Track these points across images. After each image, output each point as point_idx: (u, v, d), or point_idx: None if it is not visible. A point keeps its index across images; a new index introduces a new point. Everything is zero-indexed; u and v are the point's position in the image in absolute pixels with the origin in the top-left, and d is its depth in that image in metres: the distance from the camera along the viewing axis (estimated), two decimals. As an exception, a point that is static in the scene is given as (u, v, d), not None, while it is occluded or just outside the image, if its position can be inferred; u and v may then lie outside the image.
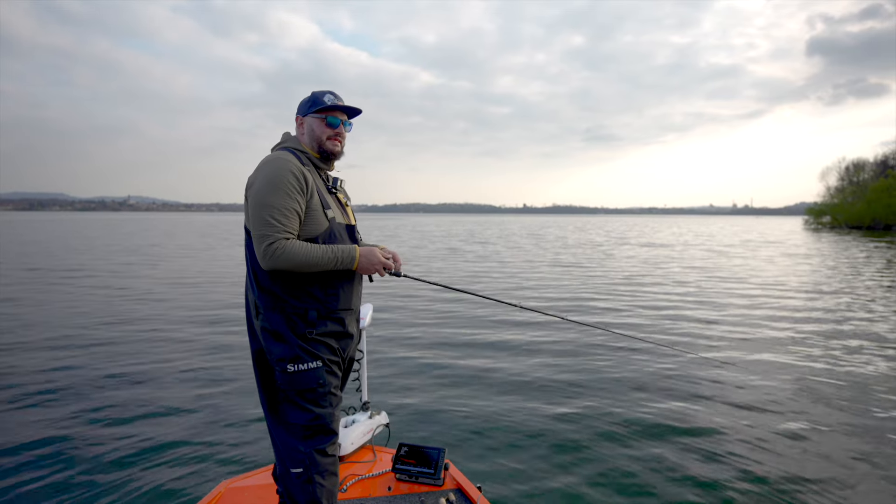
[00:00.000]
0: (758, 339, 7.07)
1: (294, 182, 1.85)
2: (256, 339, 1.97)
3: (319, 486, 1.87)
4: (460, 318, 8.48)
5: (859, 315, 8.79)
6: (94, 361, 5.82)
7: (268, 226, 1.80)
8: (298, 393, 1.87)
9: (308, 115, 2.02)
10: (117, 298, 10.16)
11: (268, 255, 1.79)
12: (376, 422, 3.02)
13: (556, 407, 4.57)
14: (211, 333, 7.26)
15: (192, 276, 14.15)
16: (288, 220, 1.83)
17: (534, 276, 14.21)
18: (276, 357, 1.88)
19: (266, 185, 1.83)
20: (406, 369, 5.69)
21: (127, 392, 4.84)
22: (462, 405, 4.61)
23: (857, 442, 3.88)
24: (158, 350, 6.36)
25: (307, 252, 1.83)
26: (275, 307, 1.88)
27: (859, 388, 5.04)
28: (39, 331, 7.31)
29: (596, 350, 6.44)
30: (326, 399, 1.91)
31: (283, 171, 1.85)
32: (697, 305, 9.74)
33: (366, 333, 3.01)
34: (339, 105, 2.02)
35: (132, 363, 5.77)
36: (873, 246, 27.53)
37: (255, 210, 1.83)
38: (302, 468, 1.85)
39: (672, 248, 25.87)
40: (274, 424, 1.95)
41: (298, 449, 1.86)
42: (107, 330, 7.42)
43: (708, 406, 4.65)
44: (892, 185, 55.30)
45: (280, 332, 1.87)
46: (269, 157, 1.94)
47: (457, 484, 2.57)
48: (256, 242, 1.82)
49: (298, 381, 1.86)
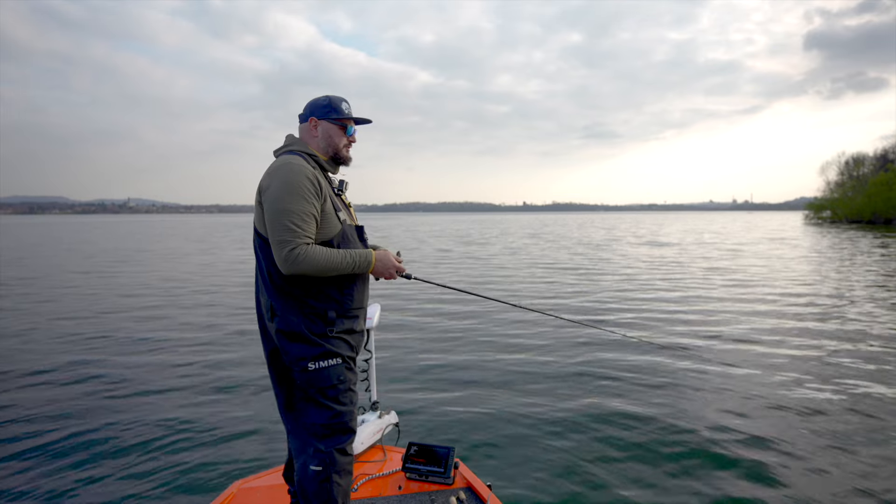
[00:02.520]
0: (822, 361, 5.92)
1: (310, 187, 1.87)
2: (270, 340, 1.98)
3: (336, 486, 1.90)
4: (469, 317, 8.48)
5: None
6: (102, 361, 5.84)
7: (288, 231, 1.81)
8: (319, 391, 1.89)
9: (325, 120, 2.04)
10: (119, 296, 10.17)
11: (290, 260, 1.80)
12: (386, 421, 3.04)
13: (566, 406, 4.58)
14: (222, 334, 7.26)
15: (197, 276, 14.16)
16: (307, 224, 1.84)
17: (568, 281, 14.02)
18: (294, 357, 1.89)
19: (284, 191, 1.84)
20: (415, 369, 5.70)
21: (138, 393, 4.85)
22: (471, 404, 4.62)
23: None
24: (168, 351, 6.37)
25: (328, 257, 1.86)
26: (293, 309, 1.89)
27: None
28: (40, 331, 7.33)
29: (607, 351, 6.41)
30: (346, 396, 1.94)
31: (299, 175, 1.86)
32: (732, 315, 8.69)
33: (374, 333, 3.03)
34: (356, 117, 2.10)
35: (142, 363, 5.79)
36: (885, 241, 26.82)
37: (274, 216, 1.83)
38: (322, 467, 1.88)
39: (681, 247, 24.84)
40: (293, 424, 1.97)
41: (319, 448, 1.89)
42: (113, 329, 7.44)
43: (719, 408, 4.65)
44: (891, 179, 55.25)
45: (299, 332, 1.88)
46: (282, 162, 1.92)
47: (467, 482, 2.59)
48: (277, 248, 1.82)
49: (319, 378, 1.88)
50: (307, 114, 2.06)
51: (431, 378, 5.39)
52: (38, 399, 4.73)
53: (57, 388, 5.04)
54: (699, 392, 4.92)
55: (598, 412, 4.41)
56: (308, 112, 2.06)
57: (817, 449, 3.73)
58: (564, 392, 4.93)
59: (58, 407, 4.53)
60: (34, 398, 4.76)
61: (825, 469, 3.44)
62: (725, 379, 5.30)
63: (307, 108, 2.07)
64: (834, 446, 3.77)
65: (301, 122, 2.09)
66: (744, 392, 4.90)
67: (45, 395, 4.83)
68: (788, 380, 5.22)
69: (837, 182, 67.53)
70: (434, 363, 5.92)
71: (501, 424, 4.18)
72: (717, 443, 3.83)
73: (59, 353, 6.30)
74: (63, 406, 4.54)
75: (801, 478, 3.33)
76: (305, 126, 2.07)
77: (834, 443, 3.82)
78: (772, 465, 3.49)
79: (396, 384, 5.16)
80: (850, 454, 3.65)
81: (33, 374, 5.49)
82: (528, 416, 4.33)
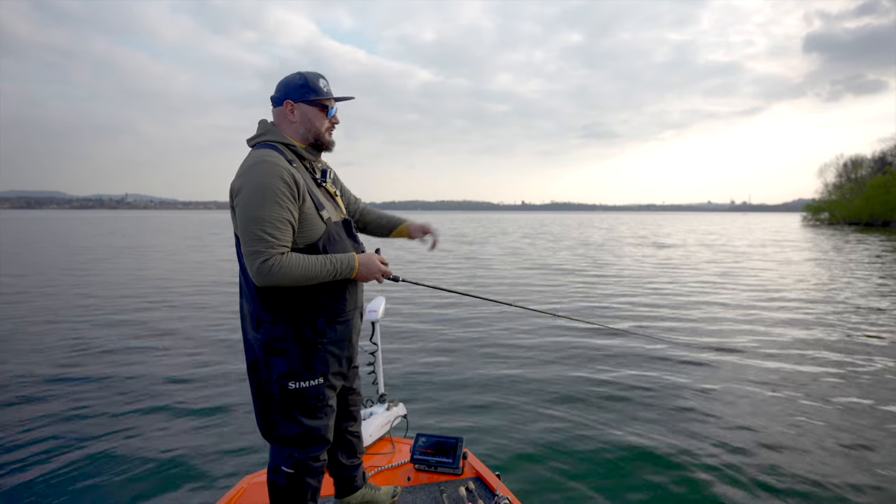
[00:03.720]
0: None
1: (285, 189, 1.67)
2: (252, 351, 1.84)
3: (308, 485, 1.88)
4: (476, 315, 8.47)
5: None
6: (115, 359, 5.84)
7: (260, 241, 1.64)
8: (297, 408, 1.81)
9: (303, 102, 1.81)
10: (130, 298, 10.16)
11: (262, 272, 1.64)
12: (394, 413, 3.04)
13: (576, 399, 4.60)
14: (228, 330, 7.25)
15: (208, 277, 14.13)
16: (281, 232, 1.67)
17: (592, 285, 13.63)
18: (277, 373, 1.78)
19: (254, 196, 1.65)
20: (422, 361, 5.71)
21: (150, 390, 4.83)
22: (478, 396, 4.64)
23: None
24: (177, 347, 6.36)
25: (304, 266, 1.69)
26: (280, 318, 1.76)
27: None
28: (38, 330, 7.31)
29: (610, 348, 6.41)
30: (323, 412, 1.87)
31: (271, 178, 1.66)
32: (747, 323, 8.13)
33: (379, 326, 3.03)
34: (337, 96, 1.89)
35: (152, 360, 5.78)
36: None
37: (246, 224, 1.66)
38: (294, 471, 1.84)
39: (686, 248, 23.98)
40: (269, 432, 1.88)
41: (293, 455, 1.84)
42: (122, 328, 7.42)
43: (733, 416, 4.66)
44: (889, 182, 55.45)
45: (284, 346, 1.77)
46: (253, 160, 1.72)
47: (476, 472, 2.59)
48: (249, 259, 1.66)
49: (298, 397, 1.80)
50: (281, 96, 1.82)
51: (439, 370, 5.39)
52: (31, 397, 4.73)
53: (62, 383, 5.04)
54: (720, 397, 4.73)
55: (610, 409, 4.39)
56: (282, 94, 1.81)
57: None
58: (575, 385, 4.94)
59: (64, 401, 4.53)
60: (34, 399, 4.76)
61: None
62: (757, 390, 4.92)
63: (280, 90, 1.82)
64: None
65: (275, 106, 1.85)
66: (775, 407, 4.48)
67: (45, 394, 4.82)
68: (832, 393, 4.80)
69: (836, 184, 67.77)
70: (441, 355, 5.92)
71: (509, 416, 4.20)
72: (740, 453, 3.63)
73: (59, 354, 6.29)
74: (67, 404, 4.53)
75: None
76: (280, 110, 1.83)
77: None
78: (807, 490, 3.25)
79: (404, 376, 5.17)
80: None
81: (29, 372, 5.48)
82: (536, 409, 4.35)
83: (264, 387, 1.82)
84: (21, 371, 5.29)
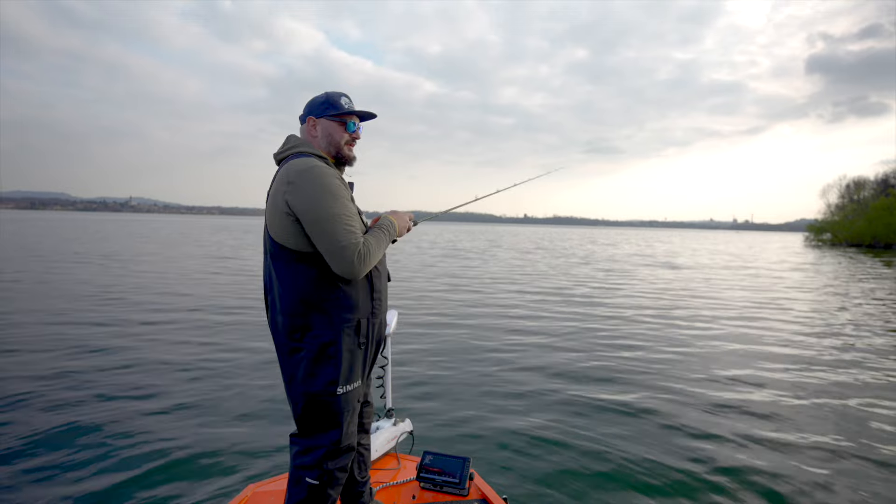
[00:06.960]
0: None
1: (343, 186, 1.81)
2: (294, 363, 1.80)
3: (329, 497, 1.86)
4: (483, 324, 8.41)
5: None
6: (115, 359, 5.81)
7: (348, 234, 1.72)
8: (341, 413, 1.82)
9: (324, 118, 1.93)
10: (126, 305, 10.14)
11: (361, 261, 1.73)
12: (400, 429, 3.01)
13: (585, 420, 4.46)
14: (234, 339, 7.20)
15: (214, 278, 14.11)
16: (358, 222, 1.79)
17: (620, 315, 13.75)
18: (324, 380, 1.77)
19: (324, 196, 1.73)
20: (430, 376, 5.63)
21: (153, 397, 4.79)
22: (487, 415, 4.53)
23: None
24: (182, 355, 6.32)
25: (377, 242, 1.82)
26: (326, 324, 1.77)
27: None
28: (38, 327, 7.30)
29: (628, 364, 6.32)
30: (353, 417, 1.90)
31: (330, 177, 1.77)
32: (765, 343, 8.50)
33: (391, 340, 3.01)
34: (356, 110, 1.97)
35: (155, 367, 5.74)
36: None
37: (323, 223, 1.71)
38: (319, 482, 1.83)
39: (698, 269, 21.47)
40: (301, 442, 1.86)
41: (322, 466, 1.83)
42: (123, 334, 7.41)
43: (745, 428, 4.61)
44: (892, 204, 55.50)
45: (333, 351, 1.77)
46: (303, 166, 1.76)
47: (482, 494, 2.55)
48: (340, 254, 1.70)
49: (345, 402, 1.82)
50: (305, 114, 1.96)
51: (447, 387, 5.30)
52: (39, 398, 4.71)
53: (64, 390, 5.01)
54: (743, 418, 4.59)
55: (624, 432, 4.23)
56: (306, 112, 1.96)
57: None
58: (587, 409, 4.73)
59: (65, 409, 4.49)
60: (36, 397, 4.74)
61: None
62: (791, 414, 4.73)
63: (305, 108, 1.97)
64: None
65: (301, 124, 1.98)
66: (811, 431, 4.34)
67: (48, 395, 4.80)
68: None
69: (838, 205, 67.94)
70: (450, 371, 5.84)
71: (518, 437, 4.09)
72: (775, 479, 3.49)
73: (59, 354, 6.27)
74: (74, 407, 4.50)
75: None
76: (305, 127, 1.96)
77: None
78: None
79: (411, 391, 5.10)
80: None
81: (30, 374, 5.46)
82: (545, 430, 4.22)
83: (308, 397, 1.78)
84: (21, 371, 5.26)
